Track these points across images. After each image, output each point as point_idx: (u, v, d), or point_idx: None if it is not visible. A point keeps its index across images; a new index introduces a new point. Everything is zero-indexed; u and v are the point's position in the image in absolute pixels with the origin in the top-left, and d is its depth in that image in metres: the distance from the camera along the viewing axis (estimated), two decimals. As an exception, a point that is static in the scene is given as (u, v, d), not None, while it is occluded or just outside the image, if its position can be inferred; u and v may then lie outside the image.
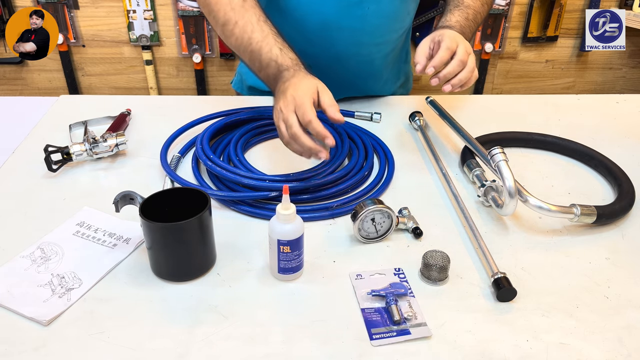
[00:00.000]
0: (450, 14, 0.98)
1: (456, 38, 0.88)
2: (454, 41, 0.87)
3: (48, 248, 0.71)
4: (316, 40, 1.04)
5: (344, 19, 1.01)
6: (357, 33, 1.03)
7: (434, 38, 0.89)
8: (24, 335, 0.59)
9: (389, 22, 1.05)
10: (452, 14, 0.98)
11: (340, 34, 1.03)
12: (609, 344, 0.59)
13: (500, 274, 0.65)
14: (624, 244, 0.75)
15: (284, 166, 0.92)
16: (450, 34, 0.89)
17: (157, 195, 0.68)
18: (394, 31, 1.08)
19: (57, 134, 0.99)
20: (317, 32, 1.03)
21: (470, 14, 0.99)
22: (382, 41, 1.08)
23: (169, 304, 0.63)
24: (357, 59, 1.08)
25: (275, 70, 0.84)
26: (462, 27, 0.95)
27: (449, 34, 0.89)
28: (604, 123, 1.09)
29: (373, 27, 1.03)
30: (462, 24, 0.96)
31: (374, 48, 1.08)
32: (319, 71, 0.94)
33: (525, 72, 2.01)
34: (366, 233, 0.74)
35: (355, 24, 1.02)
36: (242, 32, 0.88)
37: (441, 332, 0.60)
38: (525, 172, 0.90)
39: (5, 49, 1.89)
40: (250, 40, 0.87)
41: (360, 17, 1.01)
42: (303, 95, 0.76)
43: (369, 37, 1.05)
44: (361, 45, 1.06)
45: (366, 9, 1.00)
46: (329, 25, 1.02)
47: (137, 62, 1.95)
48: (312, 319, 0.62)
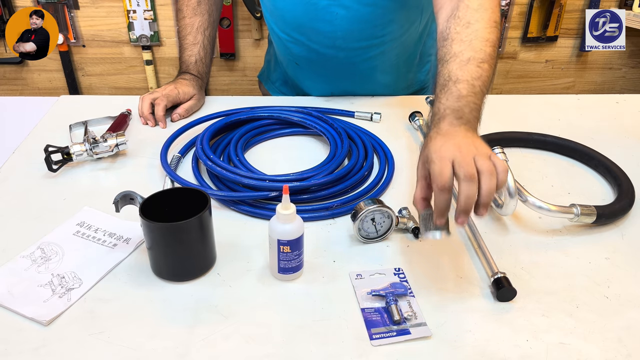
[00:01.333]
0: (437, 101, 0.75)
1: (445, 157, 0.64)
2: (445, 166, 0.63)
3: (48, 248, 0.71)
4: (296, 39, 1.07)
5: (315, 22, 1.02)
6: (330, 36, 1.03)
7: (425, 164, 0.67)
8: (24, 335, 0.59)
9: (363, 27, 1.02)
10: (439, 101, 0.75)
11: (316, 35, 1.04)
12: (609, 343, 0.59)
13: (500, 273, 0.65)
14: (624, 244, 0.75)
15: (284, 166, 0.92)
16: (435, 155, 0.65)
17: (157, 195, 0.68)
18: (373, 38, 1.04)
19: (57, 134, 0.99)
20: (295, 31, 1.05)
21: (463, 90, 0.74)
22: (359, 46, 1.05)
23: (169, 304, 0.63)
24: (336, 61, 1.08)
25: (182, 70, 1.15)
26: (455, 112, 0.72)
27: (435, 155, 0.65)
28: (603, 123, 1.09)
29: (345, 32, 1.02)
30: (453, 107, 0.73)
31: (352, 52, 1.06)
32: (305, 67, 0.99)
33: (525, 72, 2.01)
34: (366, 233, 0.74)
35: (326, 27, 1.02)
36: (183, 28, 1.14)
37: (441, 332, 0.60)
38: (525, 172, 0.90)
39: (5, 49, 1.89)
40: (184, 38, 1.14)
41: (330, 21, 1.01)
42: (161, 90, 1.08)
43: (343, 42, 1.04)
44: (337, 48, 1.05)
45: (335, 14, 1.00)
46: (304, 26, 1.03)
47: (137, 62, 1.95)
48: (312, 319, 0.62)
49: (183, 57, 1.15)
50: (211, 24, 1.16)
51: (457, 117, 0.72)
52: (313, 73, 1.13)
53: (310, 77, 1.15)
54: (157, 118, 1.04)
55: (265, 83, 1.31)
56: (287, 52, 1.12)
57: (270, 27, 1.12)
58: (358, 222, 0.72)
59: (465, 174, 0.61)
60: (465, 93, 0.74)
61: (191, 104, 1.08)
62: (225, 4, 1.82)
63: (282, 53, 1.15)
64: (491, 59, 0.79)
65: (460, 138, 0.67)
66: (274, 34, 1.12)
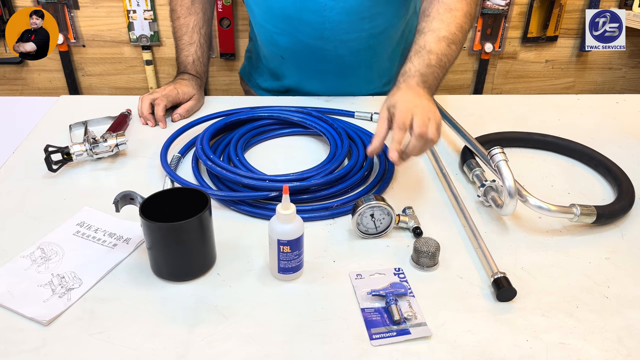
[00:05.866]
0: (409, 62, 0.89)
1: (409, 108, 0.78)
2: (407, 114, 0.77)
3: (48, 248, 0.71)
4: (284, 30, 1.06)
5: (304, 12, 1.02)
6: (318, 27, 1.03)
7: (389, 108, 0.80)
8: (24, 335, 0.59)
9: (351, 19, 1.03)
10: (411, 62, 0.88)
11: (303, 26, 1.04)
12: (609, 343, 0.59)
13: (500, 273, 0.65)
14: (624, 244, 0.75)
15: (284, 166, 0.92)
16: (402, 104, 0.79)
17: (157, 195, 0.68)
18: (362, 30, 1.05)
19: (57, 134, 0.99)
20: (282, 22, 1.05)
21: (433, 60, 0.88)
22: (347, 38, 1.06)
23: (169, 304, 0.63)
24: (322, 53, 1.08)
25: (180, 70, 1.15)
26: (423, 75, 0.86)
27: (401, 104, 0.79)
28: (603, 123, 1.09)
29: (334, 23, 1.03)
30: (422, 71, 0.86)
31: (340, 44, 1.07)
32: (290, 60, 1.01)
33: (525, 72, 2.01)
34: (365, 228, 0.74)
35: (314, 18, 1.02)
36: (179, 28, 1.15)
37: (441, 332, 0.60)
38: (525, 172, 0.90)
39: (5, 49, 1.89)
40: (180, 38, 1.14)
41: (319, 12, 1.01)
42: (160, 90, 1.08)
43: (331, 33, 1.04)
44: (325, 39, 1.05)
45: (323, 4, 1.00)
46: (291, 17, 1.04)
47: (137, 62, 1.95)
48: (312, 319, 0.62)
49: (180, 58, 1.15)
50: (206, 22, 1.16)
51: (423, 81, 0.86)
52: (298, 66, 1.13)
53: (295, 71, 1.15)
54: (157, 118, 1.04)
55: (247, 79, 1.31)
56: (273, 44, 1.11)
57: (255, 20, 1.12)
58: (357, 217, 0.72)
59: (419, 132, 0.75)
60: (434, 63, 0.88)
61: (191, 104, 1.09)
62: (225, 3, 1.81)
63: (267, 46, 1.15)
64: (460, 44, 0.93)
65: (424, 99, 0.81)
66: (260, 27, 1.11)
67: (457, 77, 1.97)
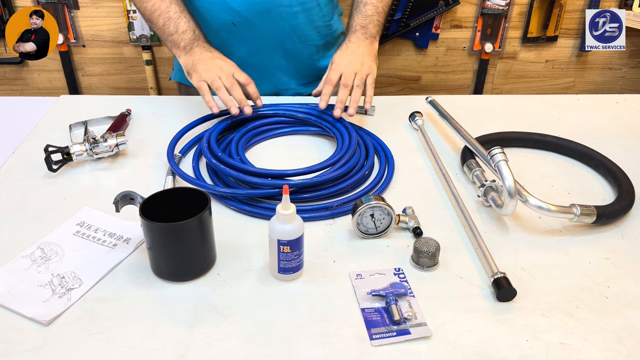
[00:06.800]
0: (351, 19, 1.07)
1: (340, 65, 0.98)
2: (337, 71, 0.98)
3: (48, 248, 0.71)
4: None
5: None
6: None
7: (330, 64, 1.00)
8: (24, 335, 0.59)
9: None
10: (352, 18, 1.07)
11: None
12: (609, 344, 0.59)
13: (500, 274, 0.65)
14: (624, 244, 0.75)
15: (284, 166, 0.92)
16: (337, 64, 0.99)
17: (157, 195, 0.68)
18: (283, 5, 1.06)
19: (57, 134, 0.99)
20: None
21: (370, 10, 1.06)
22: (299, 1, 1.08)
23: (169, 304, 0.63)
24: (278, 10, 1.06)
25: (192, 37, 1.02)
26: (363, 27, 1.05)
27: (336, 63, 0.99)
28: (603, 123, 1.09)
29: None
30: (361, 23, 1.05)
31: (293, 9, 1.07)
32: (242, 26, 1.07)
33: (525, 72, 2.01)
34: (365, 228, 0.74)
35: None
36: (154, 10, 1.02)
37: (441, 332, 0.60)
38: (525, 172, 0.90)
39: (5, 49, 1.89)
40: (168, 8, 1.02)
41: None
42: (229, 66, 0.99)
43: None
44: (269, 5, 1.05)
45: None
46: None
47: (137, 62, 1.95)
48: (312, 319, 0.62)
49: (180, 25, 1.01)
50: None
51: (363, 33, 1.04)
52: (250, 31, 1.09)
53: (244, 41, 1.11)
54: (254, 97, 0.99)
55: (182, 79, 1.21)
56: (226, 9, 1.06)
57: None
58: (357, 217, 0.72)
59: (344, 83, 0.96)
60: (371, 13, 1.06)
61: None
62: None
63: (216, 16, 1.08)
64: None
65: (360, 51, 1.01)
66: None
67: (457, 77, 1.97)
